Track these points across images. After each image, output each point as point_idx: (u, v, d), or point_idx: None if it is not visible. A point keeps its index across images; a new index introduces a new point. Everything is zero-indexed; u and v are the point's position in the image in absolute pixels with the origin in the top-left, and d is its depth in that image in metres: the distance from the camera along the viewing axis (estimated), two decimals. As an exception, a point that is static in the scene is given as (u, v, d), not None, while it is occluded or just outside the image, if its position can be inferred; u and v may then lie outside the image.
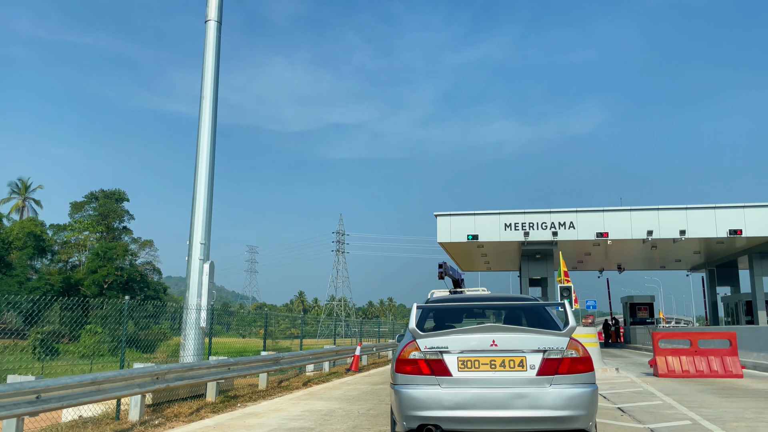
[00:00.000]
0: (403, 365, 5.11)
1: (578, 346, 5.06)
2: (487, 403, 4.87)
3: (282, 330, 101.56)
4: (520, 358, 4.98)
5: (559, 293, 16.31)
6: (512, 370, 4.96)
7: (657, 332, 14.98)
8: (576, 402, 4.84)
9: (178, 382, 8.28)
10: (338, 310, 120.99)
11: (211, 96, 11.98)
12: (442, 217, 31.28)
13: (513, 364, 4.98)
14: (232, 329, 69.44)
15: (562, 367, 4.93)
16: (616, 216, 30.04)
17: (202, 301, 11.16)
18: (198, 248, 11.40)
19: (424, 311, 5.99)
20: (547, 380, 4.89)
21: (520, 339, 5.02)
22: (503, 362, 4.99)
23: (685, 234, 29.04)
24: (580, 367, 4.96)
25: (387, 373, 16.28)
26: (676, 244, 31.39)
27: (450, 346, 5.06)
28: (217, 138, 11.88)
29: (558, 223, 30.56)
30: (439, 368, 5.03)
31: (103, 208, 77.00)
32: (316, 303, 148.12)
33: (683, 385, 12.51)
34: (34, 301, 26.93)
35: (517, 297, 6.77)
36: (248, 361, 10.54)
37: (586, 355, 5.05)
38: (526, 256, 33.43)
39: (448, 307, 6.58)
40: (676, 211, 29.55)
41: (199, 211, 11.54)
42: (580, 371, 4.94)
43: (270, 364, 11.57)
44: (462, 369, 5.01)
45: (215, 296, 11.51)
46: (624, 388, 11.80)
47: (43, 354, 43.03)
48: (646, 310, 37.42)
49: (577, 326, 5.33)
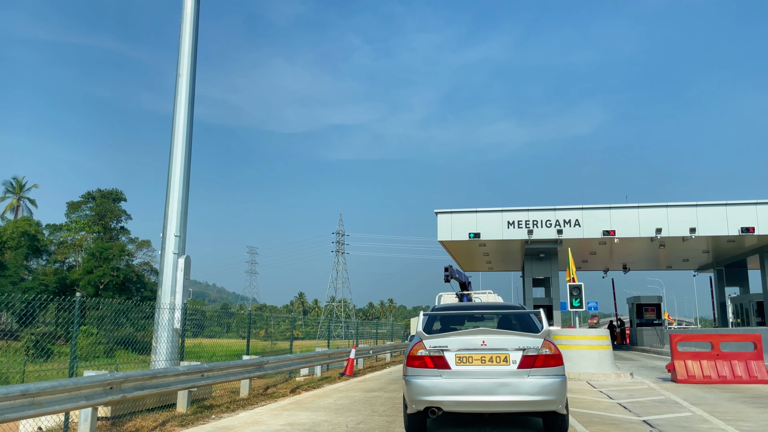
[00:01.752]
0: (413, 360, 6.39)
1: (551, 345, 6.29)
2: (479, 390, 6.08)
3: (282, 331, 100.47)
4: (505, 354, 6.19)
5: (568, 292, 15.16)
6: (498, 364, 6.17)
7: (675, 334, 13.86)
8: (549, 389, 6.05)
9: (138, 392, 7.17)
10: (338, 311, 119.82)
11: (188, 73, 10.87)
12: (443, 214, 30.12)
13: (499, 360, 6.19)
14: (232, 330, 68.42)
15: (537, 362, 6.14)
16: (624, 213, 28.90)
17: (176, 300, 10.05)
18: (172, 241, 10.28)
19: (430, 318, 7.23)
20: (526, 372, 6.11)
21: (504, 340, 6.26)
22: (491, 358, 6.20)
23: (695, 232, 27.92)
24: (552, 362, 6.20)
25: (383, 378, 15.14)
26: (684, 243, 30.27)
27: (449, 345, 6.29)
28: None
29: (563, 220, 29.41)
30: (440, 363, 6.25)
31: (99, 208, 76.15)
32: (316, 304, 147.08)
33: (707, 392, 11.39)
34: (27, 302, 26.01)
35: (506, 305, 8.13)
36: (225, 367, 9.42)
37: (557, 353, 6.31)
38: (529, 255, 32.27)
39: (449, 314, 7.81)
40: (686, 208, 28.41)
41: (173, 200, 10.43)
42: (552, 365, 6.19)
43: (252, 370, 10.44)
44: (459, 363, 6.23)
45: (191, 294, 10.42)
46: (643, 396, 10.69)
47: (36, 356, 42.03)
48: (653, 311, 36.22)
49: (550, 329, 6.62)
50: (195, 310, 42.78)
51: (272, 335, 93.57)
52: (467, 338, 6.29)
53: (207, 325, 76.01)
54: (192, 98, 10.96)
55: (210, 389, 10.23)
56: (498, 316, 8.07)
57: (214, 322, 76.46)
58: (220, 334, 72.15)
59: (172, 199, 10.45)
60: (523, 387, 6.04)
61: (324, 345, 36.07)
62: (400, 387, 12.60)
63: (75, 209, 76.37)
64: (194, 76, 11.08)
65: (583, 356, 13.88)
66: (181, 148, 10.62)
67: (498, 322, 7.98)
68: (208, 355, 47.75)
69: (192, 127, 10.93)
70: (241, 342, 62.25)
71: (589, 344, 13.96)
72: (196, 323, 77.44)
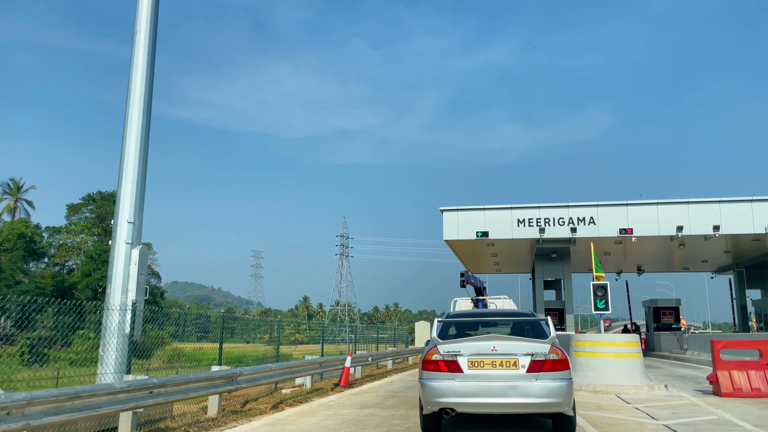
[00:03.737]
0: (428, 364, 6.77)
1: (558, 350, 6.61)
2: (489, 392, 6.47)
3: (286, 335, 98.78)
4: (514, 359, 6.55)
5: (592, 293, 13.33)
6: (508, 369, 6.53)
7: (717, 341, 12.03)
8: (555, 392, 6.42)
9: (50, 418, 5.46)
10: (342, 315, 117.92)
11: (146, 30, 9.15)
12: (449, 212, 28.30)
13: (509, 364, 6.53)
14: (237, 335, 66.99)
15: (545, 366, 6.49)
16: (642, 210, 27.03)
17: (128, 298, 8.35)
18: (125, 229, 8.55)
19: (444, 324, 7.72)
20: (534, 376, 6.46)
21: (513, 345, 6.63)
22: (501, 362, 6.56)
23: (719, 230, 26.01)
24: (559, 366, 6.54)
25: (382, 390, 13.36)
26: (705, 243, 28.36)
27: (462, 350, 6.68)
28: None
29: (577, 218, 27.56)
30: (453, 366, 6.65)
31: (100, 210, 74.93)
32: (321, 308, 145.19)
33: (765, 410, 9.58)
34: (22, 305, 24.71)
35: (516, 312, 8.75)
36: (183, 382, 7.68)
37: (564, 358, 6.63)
38: (540, 255, 30.38)
39: (462, 321, 8.37)
40: (709, 205, 26.52)
41: (127, 179, 8.71)
42: (559, 369, 6.53)
43: (221, 384, 8.70)
44: (471, 367, 6.60)
45: (147, 292, 8.69)
46: (691, 415, 8.90)
47: (31, 360, 40.46)
48: (672, 315, 34.26)
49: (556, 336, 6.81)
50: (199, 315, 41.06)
51: (275, 339, 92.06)
52: (479, 344, 6.67)
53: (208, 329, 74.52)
54: (152, 60, 9.24)
55: (170, 408, 8.50)
56: (510, 323, 8.45)
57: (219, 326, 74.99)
58: (226, 339, 70.51)
59: (125, 179, 8.73)
60: (531, 390, 6.38)
61: (331, 350, 34.10)
62: (399, 402, 10.84)
63: (75, 211, 75.16)
64: (155, 35, 9.37)
65: (611, 365, 12.07)
66: (138, 118, 8.90)
67: (510, 328, 8.37)
68: (200, 361, 45.99)
69: (151, 93, 9.21)
70: (243, 346, 60.60)
71: (617, 351, 12.14)
72: (200, 327, 75.96)
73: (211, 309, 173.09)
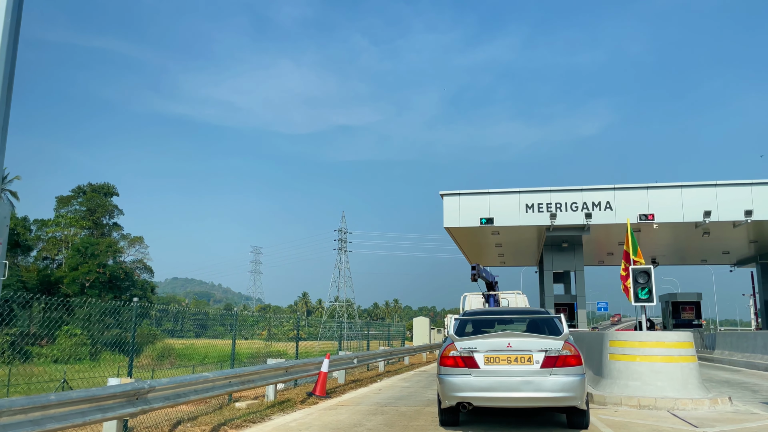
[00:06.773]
0: (445, 360, 7.18)
1: (571, 346, 6.91)
2: (505, 387, 6.77)
3: (285, 332, 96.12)
4: (529, 355, 6.85)
5: (632, 279, 10.57)
6: (523, 364, 6.83)
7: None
8: (569, 386, 6.69)
9: None
10: (341, 312, 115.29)
11: None
12: (450, 197, 25.56)
13: (523, 360, 6.84)
14: (235, 331, 64.51)
15: (558, 362, 6.78)
16: (664, 194, 24.29)
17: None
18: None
19: (461, 322, 8.07)
20: (548, 371, 6.76)
21: (528, 342, 6.96)
22: (516, 358, 6.87)
23: (751, 215, 23.27)
24: (572, 362, 6.82)
25: (366, 401, 10.64)
26: (732, 231, 25.67)
27: (478, 347, 7.04)
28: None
29: (591, 203, 24.81)
30: (470, 362, 7.00)
31: (90, 203, 72.52)
32: (320, 304, 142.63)
33: None
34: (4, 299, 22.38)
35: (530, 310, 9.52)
36: (57, 404, 4.95)
37: (577, 353, 6.91)
38: (550, 245, 27.64)
39: (478, 319, 8.69)
40: (739, 188, 23.82)
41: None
42: (572, 365, 6.81)
43: (123, 404, 6.01)
44: (487, 363, 6.94)
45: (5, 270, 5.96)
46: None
47: (12, 357, 37.79)
48: (692, 311, 31.53)
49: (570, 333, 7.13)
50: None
51: (275, 336, 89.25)
52: (494, 341, 6.96)
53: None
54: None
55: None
56: (525, 321, 8.77)
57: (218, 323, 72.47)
58: (224, 335, 67.85)
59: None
60: (545, 384, 6.66)
61: (328, 347, 31.15)
62: (384, 423, 8.14)
63: (65, 204, 72.65)
64: None
65: (659, 372, 9.34)
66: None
67: (526, 326, 8.51)
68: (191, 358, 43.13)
69: None
70: (239, 343, 57.59)
71: (667, 354, 9.41)
72: (198, 323, 73.05)
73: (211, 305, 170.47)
